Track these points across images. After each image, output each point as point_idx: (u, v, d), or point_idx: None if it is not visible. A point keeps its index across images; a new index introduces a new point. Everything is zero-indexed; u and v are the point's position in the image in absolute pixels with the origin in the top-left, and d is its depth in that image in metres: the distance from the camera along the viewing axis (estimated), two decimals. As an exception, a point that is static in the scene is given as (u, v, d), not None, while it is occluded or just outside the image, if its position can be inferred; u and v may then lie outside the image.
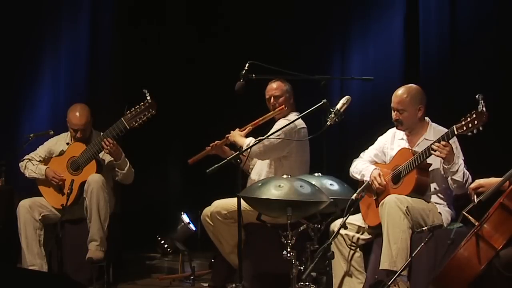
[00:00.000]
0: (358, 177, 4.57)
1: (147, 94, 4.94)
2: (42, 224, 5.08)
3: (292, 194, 3.71)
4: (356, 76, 5.79)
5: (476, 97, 3.86)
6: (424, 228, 3.79)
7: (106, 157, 5.22)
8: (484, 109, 3.83)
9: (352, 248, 4.44)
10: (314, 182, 3.92)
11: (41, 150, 5.37)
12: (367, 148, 4.73)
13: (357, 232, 4.48)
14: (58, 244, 4.93)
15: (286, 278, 3.83)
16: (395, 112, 4.45)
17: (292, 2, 6.40)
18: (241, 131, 4.96)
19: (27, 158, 5.33)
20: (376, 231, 4.38)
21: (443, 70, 5.48)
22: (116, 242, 5.26)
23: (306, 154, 4.96)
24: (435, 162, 4.28)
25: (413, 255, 3.81)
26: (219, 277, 4.99)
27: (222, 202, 4.83)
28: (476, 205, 3.55)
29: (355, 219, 4.48)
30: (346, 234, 4.43)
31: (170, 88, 6.87)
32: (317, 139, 4.30)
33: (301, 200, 3.72)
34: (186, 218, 6.25)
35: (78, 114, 5.22)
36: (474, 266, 3.43)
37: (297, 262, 3.80)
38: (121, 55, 6.58)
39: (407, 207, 4.12)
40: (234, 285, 4.12)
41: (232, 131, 5.00)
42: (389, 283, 3.79)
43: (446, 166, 4.18)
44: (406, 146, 4.47)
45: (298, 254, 3.85)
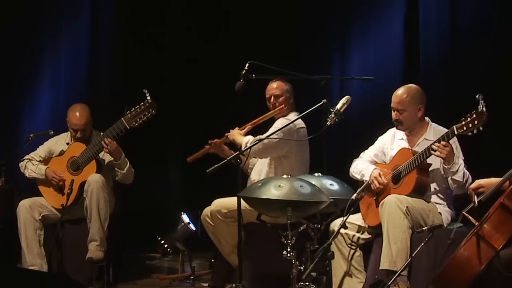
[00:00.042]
0: (358, 177, 4.57)
1: (147, 94, 4.94)
2: (42, 224, 5.08)
3: (292, 194, 3.71)
4: (356, 76, 5.80)
5: (476, 97, 3.86)
6: (424, 228, 3.79)
7: (106, 157, 5.23)
8: (484, 109, 3.83)
9: (352, 247, 4.44)
10: (314, 182, 3.92)
11: (41, 150, 5.37)
12: (367, 148, 4.73)
13: (357, 231, 4.48)
14: (58, 244, 4.93)
15: (286, 278, 3.83)
16: (395, 112, 4.45)
17: (292, 2, 6.40)
18: (240, 130, 4.96)
19: (27, 158, 5.33)
20: (376, 231, 4.38)
21: (443, 70, 5.48)
22: (116, 242, 5.26)
23: (306, 154, 4.96)
24: (435, 162, 4.28)
25: (413, 255, 3.81)
26: (219, 277, 4.99)
27: (222, 201, 4.83)
28: (477, 206, 3.55)
29: (355, 219, 4.48)
30: (346, 234, 4.43)
31: (170, 88, 6.87)
32: (317, 139, 4.30)
33: (301, 200, 3.72)
34: (186, 218, 6.25)
35: (78, 114, 5.22)
36: (474, 266, 3.43)
37: (297, 262, 3.80)
38: (121, 55, 6.58)
39: (407, 207, 4.12)
40: (234, 285, 4.11)
41: (231, 130, 5.00)
42: (389, 283, 3.79)
43: (446, 166, 4.18)
44: (406, 146, 4.47)
45: (298, 254, 3.84)
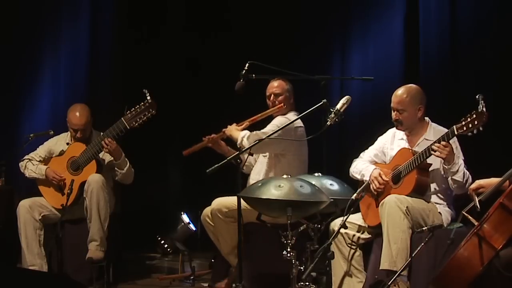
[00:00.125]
0: (358, 177, 4.57)
1: (147, 94, 4.94)
2: (42, 224, 5.08)
3: (292, 194, 3.70)
4: (356, 76, 5.79)
5: (476, 97, 3.85)
6: (424, 228, 3.79)
7: (106, 157, 5.23)
8: (484, 109, 3.83)
9: (352, 247, 4.44)
10: (314, 182, 3.91)
11: (41, 150, 5.37)
12: (367, 148, 4.72)
13: (357, 231, 4.48)
14: (58, 244, 4.93)
15: (286, 278, 3.83)
16: (395, 112, 4.45)
17: (292, 2, 6.40)
18: (238, 126, 4.96)
19: (27, 158, 5.33)
20: (376, 231, 4.38)
21: (443, 70, 5.48)
22: (116, 242, 5.26)
23: (304, 154, 4.96)
24: (435, 162, 4.28)
25: (413, 255, 3.81)
26: (219, 277, 5.00)
27: (223, 200, 4.83)
28: (479, 210, 3.54)
29: (355, 218, 4.47)
30: (346, 233, 4.43)
31: (170, 88, 6.87)
32: (317, 139, 4.30)
33: (301, 200, 3.71)
34: (186, 218, 6.25)
35: (78, 114, 5.22)
36: (474, 266, 3.43)
37: (297, 262, 3.79)
38: (121, 55, 6.58)
39: (407, 207, 4.12)
40: (234, 285, 4.11)
41: (229, 125, 5.00)
42: (389, 283, 3.79)
43: (446, 167, 4.18)
44: (406, 146, 4.47)
45: (298, 254, 3.84)
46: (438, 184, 4.36)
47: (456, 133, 4.01)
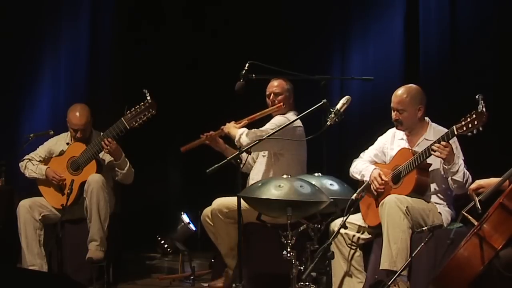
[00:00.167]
0: (358, 177, 4.57)
1: (147, 94, 4.94)
2: (42, 224, 5.08)
3: (292, 194, 3.70)
4: (356, 76, 5.79)
5: (476, 97, 3.86)
6: (424, 228, 3.79)
7: (106, 157, 5.23)
8: (484, 109, 3.82)
9: (352, 247, 4.44)
10: (314, 182, 3.91)
11: (41, 150, 5.37)
12: (367, 148, 4.72)
13: (357, 231, 4.48)
14: (58, 244, 4.93)
15: (286, 278, 3.83)
16: (395, 112, 4.45)
17: (292, 2, 6.40)
18: (236, 124, 4.96)
19: (27, 158, 5.33)
20: (376, 231, 4.38)
21: (443, 70, 5.48)
22: (116, 242, 5.26)
23: (303, 154, 4.96)
24: (435, 162, 4.28)
25: (413, 255, 3.81)
26: (219, 277, 4.99)
27: (223, 200, 4.83)
28: (480, 211, 3.54)
29: (355, 219, 4.48)
30: (346, 234, 4.43)
31: (170, 88, 6.87)
32: (317, 139, 4.29)
33: (301, 200, 3.71)
34: (186, 218, 6.26)
35: (78, 114, 5.22)
36: (474, 266, 3.43)
37: (297, 262, 3.79)
38: (121, 55, 6.58)
39: (407, 207, 4.12)
40: (234, 285, 4.11)
41: (227, 123, 5.00)
42: (389, 283, 3.79)
43: (446, 167, 4.18)
44: (406, 146, 4.47)
45: (298, 254, 3.84)
46: (438, 184, 4.36)
47: (456, 133, 4.01)
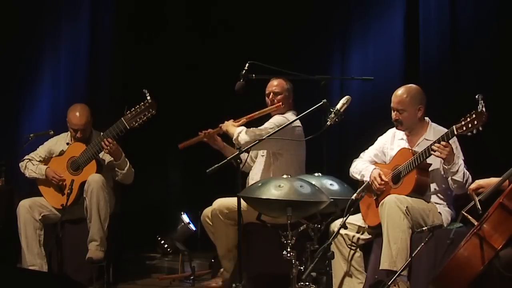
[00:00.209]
0: (358, 177, 4.57)
1: (147, 94, 4.94)
2: (42, 224, 5.09)
3: (292, 194, 3.70)
4: (356, 76, 5.79)
5: (476, 97, 3.86)
6: (424, 228, 3.79)
7: (106, 157, 5.23)
8: (483, 109, 3.83)
9: (352, 248, 4.44)
10: (314, 182, 3.91)
11: (41, 150, 5.37)
12: (367, 148, 4.72)
13: (357, 232, 4.47)
14: (58, 244, 4.93)
15: (286, 278, 3.83)
16: (395, 112, 4.45)
17: (292, 2, 6.40)
18: (235, 122, 4.96)
19: (27, 158, 5.33)
20: (376, 231, 4.38)
21: (443, 70, 5.48)
22: (116, 242, 5.27)
23: (302, 154, 4.95)
24: (435, 162, 4.28)
25: (413, 255, 3.81)
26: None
27: (224, 201, 4.81)
28: (480, 210, 3.54)
29: (355, 219, 4.47)
30: (346, 234, 4.43)
31: (170, 88, 6.87)
32: (317, 139, 4.29)
33: (301, 200, 3.71)
34: (186, 218, 6.26)
35: (78, 114, 5.22)
36: (474, 266, 3.43)
37: (297, 262, 3.80)
38: (121, 55, 6.58)
39: (407, 207, 4.12)
40: (234, 285, 4.11)
41: (225, 121, 5.00)
42: (389, 283, 3.79)
43: (446, 167, 4.18)
44: (406, 146, 4.47)
45: (298, 254, 3.84)
46: (438, 184, 4.36)
47: (456, 133, 4.01)
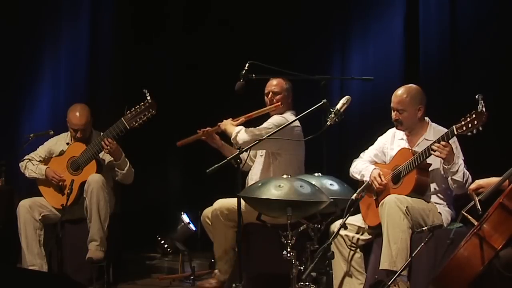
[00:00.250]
0: (358, 177, 4.57)
1: (147, 94, 4.94)
2: (42, 224, 5.09)
3: (292, 194, 3.70)
4: (356, 76, 5.79)
5: (476, 97, 3.86)
6: (424, 228, 3.79)
7: (106, 157, 5.23)
8: (483, 109, 3.83)
9: (352, 248, 4.44)
10: (314, 182, 3.92)
11: (41, 150, 5.37)
12: (367, 148, 4.73)
13: (356, 232, 4.47)
14: (58, 244, 4.93)
15: (286, 278, 3.83)
16: (395, 112, 4.45)
17: (292, 2, 6.40)
18: (233, 121, 4.96)
19: (27, 158, 5.33)
20: (376, 231, 4.38)
21: (443, 70, 5.48)
22: (116, 242, 5.26)
23: (301, 154, 4.95)
24: (435, 162, 4.28)
25: (413, 255, 3.81)
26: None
27: (225, 202, 4.80)
28: (480, 210, 3.53)
29: (355, 220, 4.47)
30: (346, 235, 4.43)
31: (170, 88, 6.87)
32: (317, 139, 4.29)
33: (301, 200, 3.71)
34: (186, 218, 6.26)
35: (78, 114, 5.22)
36: (474, 266, 3.43)
37: (297, 262, 3.80)
38: (121, 55, 6.58)
39: (407, 207, 4.12)
40: (234, 285, 4.11)
41: (224, 120, 5.00)
42: (389, 283, 3.79)
43: (446, 166, 4.18)
44: (406, 146, 4.47)
45: (298, 254, 3.84)
46: (438, 184, 4.36)
47: (455, 133, 4.01)
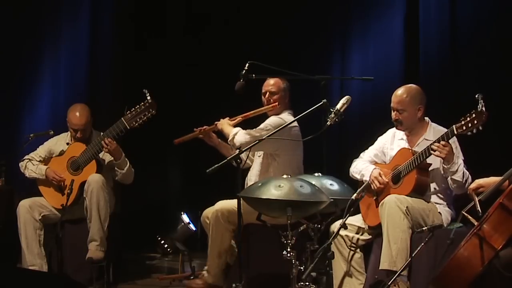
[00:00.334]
0: (358, 177, 4.57)
1: (147, 94, 4.95)
2: (42, 224, 5.09)
3: (292, 194, 3.70)
4: (356, 76, 5.79)
5: (475, 96, 3.86)
6: (424, 228, 3.79)
7: (106, 157, 5.23)
8: (483, 108, 3.83)
9: (352, 249, 4.44)
10: (314, 182, 3.92)
11: (41, 150, 5.37)
12: (367, 148, 4.73)
13: (356, 232, 4.47)
14: (58, 244, 4.94)
15: (286, 278, 3.83)
16: (395, 112, 4.45)
17: (292, 2, 6.40)
18: (230, 121, 4.95)
19: (27, 158, 5.33)
20: (376, 231, 4.38)
21: (443, 70, 5.47)
22: (116, 242, 5.27)
23: (299, 154, 4.94)
24: (435, 162, 4.28)
25: (413, 255, 3.81)
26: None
27: (226, 203, 4.78)
28: (480, 211, 3.53)
29: (355, 220, 4.48)
30: (346, 235, 4.43)
31: (170, 87, 6.86)
32: (317, 139, 4.29)
33: (301, 200, 3.71)
34: (186, 218, 6.25)
35: (78, 114, 5.22)
36: (474, 266, 3.43)
37: (297, 262, 3.80)
38: (121, 55, 6.58)
39: (407, 207, 4.12)
40: (234, 285, 4.11)
41: (221, 119, 5.00)
42: (389, 283, 3.79)
43: (445, 166, 4.18)
44: (406, 146, 4.47)
45: (298, 254, 3.84)
46: (438, 184, 4.36)
47: (455, 132, 4.01)
